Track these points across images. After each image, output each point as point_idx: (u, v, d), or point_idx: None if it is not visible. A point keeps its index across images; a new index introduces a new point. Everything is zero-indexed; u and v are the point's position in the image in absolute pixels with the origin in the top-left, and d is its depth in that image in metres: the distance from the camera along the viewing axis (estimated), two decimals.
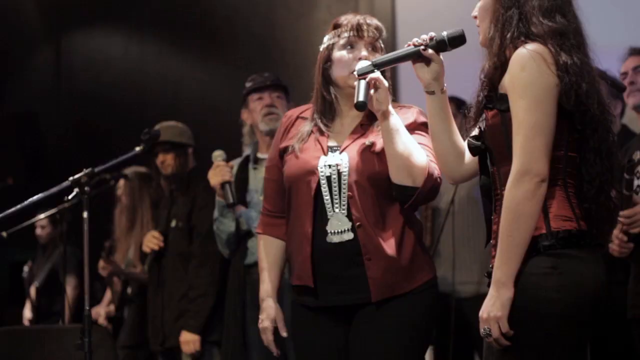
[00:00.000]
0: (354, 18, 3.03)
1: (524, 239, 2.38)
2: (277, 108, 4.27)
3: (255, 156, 4.29)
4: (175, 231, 4.77)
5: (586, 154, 2.46)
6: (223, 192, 3.99)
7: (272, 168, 3.14)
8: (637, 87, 3.99)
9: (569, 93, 2.40)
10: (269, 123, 4.23)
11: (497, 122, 2.50)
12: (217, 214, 4.11)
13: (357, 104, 2.78)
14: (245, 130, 4.42)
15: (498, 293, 2.38)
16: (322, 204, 2.94)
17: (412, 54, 2.76)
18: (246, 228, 4.11)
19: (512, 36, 2.47)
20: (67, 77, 7.69)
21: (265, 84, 4.33)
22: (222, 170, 3.99)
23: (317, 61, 3.07)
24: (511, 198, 2.39)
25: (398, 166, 2.85)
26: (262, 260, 3.14)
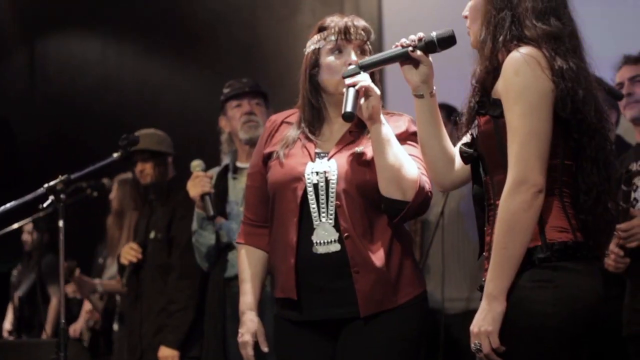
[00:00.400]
0: (340, 20, 2.92)
1: (519, 251, 2.31)
2: (257, 115, 4.18)
3: (234, 165, 4.19)
4: (154, 242, 4.65)
5: (583, 163, 2.39)
6: (203, 204, 3.89)
7: (255, 174, 3.03)
8: (634, 98, 3.90)
9: (565, 100, 2.33)
10: (249, 131, 4.13)
11: (489, 129, 2.42)
12: (196, 226, 4.01)
13: (344, 115, 2.68)
14: (224, 138, 4.33)
15: (490, 307, 2.32)
16: (308, 213, 2.83)
17: (400, 55, 2.67)
18: (226, 240, 4.01)
19: (505, 39, 2.40)
20: (41, 82, 7.59)
21: (244, 91, 4.24)
22: (202, 180, 3.90)
23: (302, 66, 2.97)
24: (506, 209, 2.32)
25: (388, 178, 2.75)
26: (243, 272, 3.03)
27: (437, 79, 2.68)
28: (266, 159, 2.97)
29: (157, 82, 7.07)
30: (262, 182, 2.98)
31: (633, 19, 5.00)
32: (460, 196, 4.38)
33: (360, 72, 2.73)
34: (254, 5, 6.75)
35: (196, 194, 3.88)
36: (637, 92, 3.90)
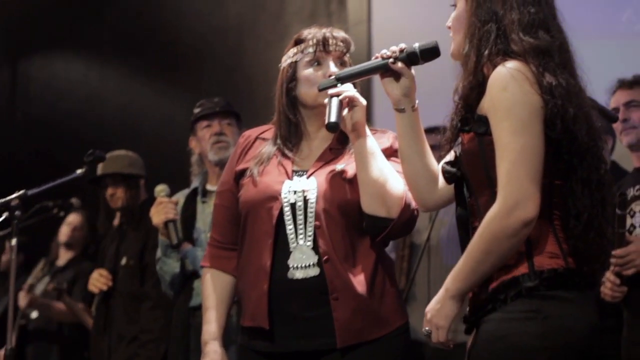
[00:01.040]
0: (318, 32, 2.79)
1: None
2: (227, 136, 4.06)
3: (204, 188, 4.06)
4: (125, 269, 4.52)
5: (573, 184, 2.25)
6: (167, 232, 3.75)
7: (224, 193, 2.86)
8: (631, 124, 3.82)
9: (554, 119, 2.20)
10: (219, 152, 4.01)
11: (474, 147, 2.29)
12: (160, 253, 3.87)
13: (328, 125, 2.54)
14: (194, 159, 4.20)
15: (445, 302, 2.25)
16: (284, 235, 2.67)
17: (380, 67, 2.54)
18: (192, 268, 3.87)
19: (490, 53, 2.27)
20: (23, 102, 7.52)
21: (215, 110, 4.11)
22: (166, 207, 3.77)
23: (278, 80, 2.84)
24: (489, 230, 2.18)
25: (371, 194, 2.61)
26: (207, 298, 2.85)
27: (420, 93, 2.56)
28: (238, 177, 2.81)
29: (140, 105, 7.00)
30: (232, 201, 2.82)
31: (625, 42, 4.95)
32: (449, 222, 4.26)
33: (337, 85, 2.60)
34: (241, 29, 6.68)
35: (160, 222, 3.75)
36: (634, 117, 3.81)
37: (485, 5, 2.29)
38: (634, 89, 3.85)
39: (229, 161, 2.90)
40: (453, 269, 2.26)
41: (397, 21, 5.67)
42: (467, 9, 2.33)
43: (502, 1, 2.29)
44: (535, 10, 2.28)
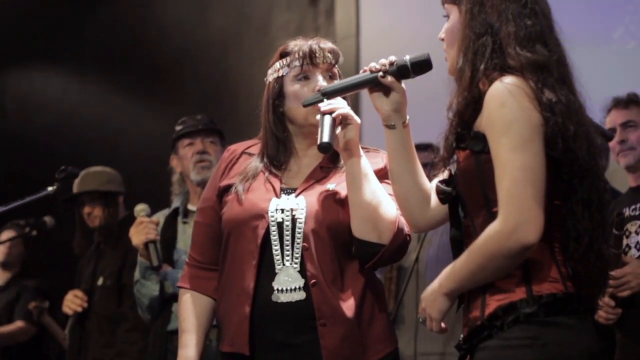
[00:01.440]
0: (304, 44, 2.64)
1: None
2: (210, 155, 3.96)
3: (185, 208, 3.94)
4: (102, 290, 4.39)
5: (573, 206, 2.15)
6: (147, 253, 3.61)
7: (206, 210, 2.70)
8: (628, 145, 3.76)
9: (555, 138, 2.11)
10: (201, 172, 3.91)
11: (470, 165, 2.18)
12: (139, 275, 3.72)
13: (321, 146, 2.39)
14: (175, 178, 4.12)
15: (437, 296, 2.19)
16: (270, 256, 2.52)
17: (368, 81, 2.42)
18: (172, 291, 3.72)
19: (486, 68, 2.17)
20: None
21: (197, 128, 4.00)
22: (146, 227, 3.62)
23: (264, 96, 2.70)
24: (485, 247, 2.10)
25: (362, 217, 2.47)
26: (185, 320, 2.68)
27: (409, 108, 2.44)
28: (222, 193, 2.65)
29: (119, 121, 6.90)
30: (213, 218, 2.66)
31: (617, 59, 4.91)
32: (437, 242, 4.18)
33: (323, 100, 2.46)
34: (225, 44, 6.59)
35: (139, 242, 3.61)
36: (631, 138, 3.75)
37: (479, 17, 2.19)
38: (630, 108, 3.79)
39: (212, 176, 2.75)
40: (449, 266, 2.19)
41: (386, 35, 5.58)
42: (460, 20, 2.23)
43: (497, 13, 2.19)
44: (532, 23, 2.18)
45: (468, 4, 2.20)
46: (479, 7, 2.19)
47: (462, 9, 2.22)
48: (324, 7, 6.06)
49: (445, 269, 2.19)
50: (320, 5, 6.09)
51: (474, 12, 2.19)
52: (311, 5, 6.13)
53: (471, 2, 2.20)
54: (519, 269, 2.10)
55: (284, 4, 6.30)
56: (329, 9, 6.03)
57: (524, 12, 2.18)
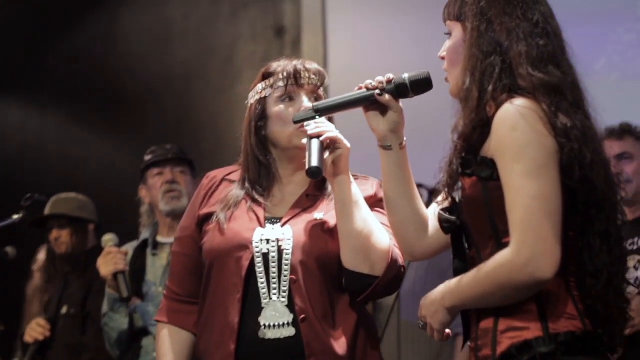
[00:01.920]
0: (289, 64, 2.54)
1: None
2: (180, 185, 3.87)
3: (154, 240, 3.83)
4: (66, 319, 4.22)
5: (591, 239, 2.02)
6: (116, 284, 3.50)
7: (184, 240, 2.57)
8: (625, 178, 3.66)
9: (572, 166, 1.97)
10: (170, 202, 3.83)
11: (477, 193, 2.04)
12: (107, 308, 3.61)
13: (309, 171, 2.26)
14: (144, 209, 4.02)
15: (439, 309, 2.08)
16: (255, 289, 2.39)
17: (364, 98, 2.30)
18: (141, 325, 3.62)
19: (495, 89, 2.04)
20: None
21: (167, 157, 3.93)
22: (115, 257, 3.52)
23: (245, 119, 2.58)
24: (495, 277, 1.96)
25: (354, 248, 2.35)
26: (163, 357, 2.55)
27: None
28: (201, 222, 2.52)
29: (80, 152, 6.71)
30: (193, 249, 2.53)
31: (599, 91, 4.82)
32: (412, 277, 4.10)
33: (315, 117, 2.34)
34: (188, 75, 6.45)
35: (108, 273, 3.50)
36: (627, 171, 3.68)
37: (487, 35, 2.07)
38: (625, 139, 3.71)
39: (190, 204, 2.62)
40: (455, 281, 2.07)
41: (354, 67, 5.47)
42: (466, 38, 2.10)
43: (506, 31, 2.06)
44: (544, 43, 2.05)
45: (475, 21, 2.09)
46: (486, 25, 2.07)
47: (467, 27, 2.10)
48: (290, 38, 5.99)
49: (450, 282, 2.07)
50: (286, 36, 6.02)
51: (481, 29, 2.07)
52: (277, 37, 6.06)
53: (478, 19, 2.08)
54: (533, 302, 1.97)
55: (249, 35, 6.21)
56: (295, 40, 5.95)
57: (536, 31, 2.06)
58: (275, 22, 6.06)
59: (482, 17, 2.08)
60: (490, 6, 2.08)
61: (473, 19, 2.09)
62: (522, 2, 2.09)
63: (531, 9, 2.08)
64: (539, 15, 2.08)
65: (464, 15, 2.12)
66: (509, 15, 2.07)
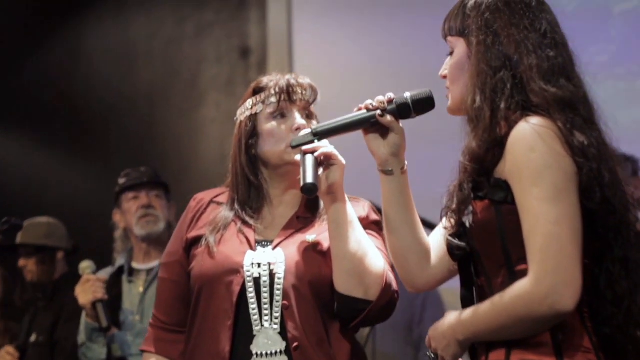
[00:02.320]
0: (281, 78, 2.45)
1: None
2: (156, 209, 3.80)
3: (130, 266, 3.75)
4: (34, 347, 4.10)
5: (609, 265, 1.91)
6: (95, 313, 3.39)
7: (172, 265, 2.47)
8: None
9: (592, 187, 1.87)
10: (146, 227, 3.75)
11: (490, 217, 1.93)
12: (85, 338, 3.50)
13: (304, 187, 2.18)
14: (118, 234, 3.93)
15: (451, 341, 1.95)
16: (247, 315, 2.29)
17: (365, 120, 2.21)
18: (120, 355, 3.52)
19: (507, 107, 1.93)
20: None
21: (142, 181, 3.85)
22: (94, 285, 3.41)
23: (234, 137, 2.49)
24: (512, 309, 1.85)
25: (348, 270, 2.25)
26: None
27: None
28: (189, 246, 2.43)
29: (43, 176, 6.56)
30: (180, 274, 2.43)
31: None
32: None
33: (314, 141, 2.25)
34: (152, 98, 6.37)
35: (87, 302, 3.39)
36: None
37: (495, 48, 1.96)
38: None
39: (177, 228, 2.52)
40: (468, 312, 1.94)
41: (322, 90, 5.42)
42: (472, 53, 1.99)
43: (515, 44, 1.95)
44: (554, 54, 1.95)
45: (480, 35, 1.98)
46: (492, 38, 1.96)
47: (471, 41, 2.00)
48: (255, 60, 5.93)
49: (462, 314, 1.95)
50: (251, 58, 5.96)
51: (487, 43, 1.96)
52: (242, 58, 6.00)
53: (484, 32, 1.98)
54: (548, 334, 1.86)
55: (213, 57, 6.15)
56: (261, 61, 5.89)
57: (545, 42, 1.95)
58: (240, 44, 6.01)
59: (488, 30, 1.98)
60: (495, 18, 1.98)
61: (478, 32, 1.99)
62: (529, 12, 1.98)
63: (538, 19, 1.98)
64: (546, 24, 1.98)
65: (467, 30, 2.02)
66: (515, 27, 1.97)
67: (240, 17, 6.02)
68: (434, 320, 2.05)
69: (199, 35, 6.16)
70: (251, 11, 5.98)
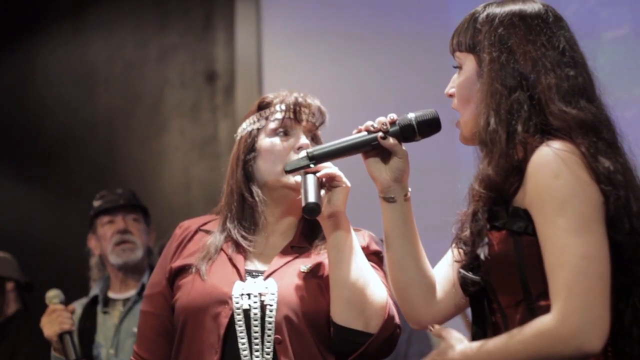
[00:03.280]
0: (289, 95, 2.30)
1: None
2: (134, 235, 3.57)
3: (105, 296, 3.51)
4: None
5: (636, 301, 1.77)
6: (62, 346, 3.12)
7: (155, 297, 2.29)
8: None
9: (620, 217, 1.74)
10: (121, 255, 3.52)
11: (508, 249, 1.80)
12: None
13: (307, 207, 2.03)
14: (93, 261, 3.69)
15: None
16: (235, 350, 2.11)
17: (366, 143, 2.07)
18: None
19: (524, 130, 1.80)
20: None
21: (118, 204, 3.60)
22: (60, 316, 3.14)
23: (233, 152, 2.33)
24: (535, 348, 1.70)
25: (348, 300, 2.09)
26: None
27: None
28: (173, 276, 2.25)
29: None
30: (163, 307, 2.26)
31: None
32: None
33: (310, 165, 2.09)
34: (112, 123, 6.14)
35: (53, 334, 3.12)
36: None
37: (509, 66, 1.84)
38: None
39: (161, 257, 2.34)
40: (475, 345, 1.79)
41: None
42: (484, 72, 1.87)
43: (531, 62, 1.83)
44: (574, 74, 1.83)
45: (494, 52, 1.85)
46: (507, 55, 1.84)
47: (483, 58, 1.87)
48: (222, 84, 5.72)
49: (470, 347, 1.80)
50: (218, 82, 5.75)
51: (502, 61, 1.84)
52: (208, 83, 5.79)
53: (497, 49, 1.85)
54: None
55: (177, 82, 5.93)
56: (228, 86, 5.69)
57: (564, 60, 1.84)
58: (206, 67, 5.80)
59: (502, 47, 1.85)
60: (510, 34, 1.86)
61: (491, 49, 1.86)
62: (546, 28, 1.87)
63: (556, 35, 1.86)
64: (565, 42, 1.86)
65: (478, 46, 1.89)
66: (532, 44, 1.84)
67: (206, 40, 5.83)
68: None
69: (162, 58, 5.97)
70: (218, 33, 5.78)
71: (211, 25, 5.83)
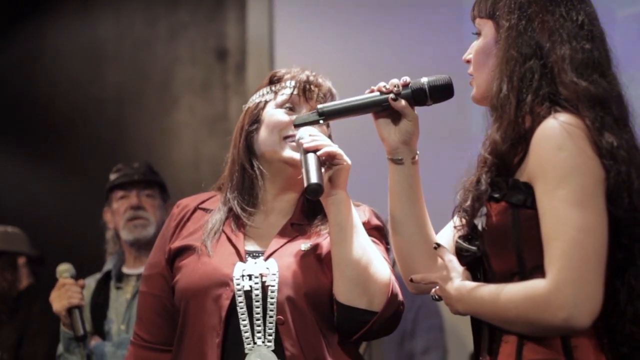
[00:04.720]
0: (301, 72, 2.29)
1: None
2: (147, 211, 3.49)
3: (119, 271, 3.45)
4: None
5: (632, 280, 1.79)
6: (70, 320, 3.09)
7: (153, 277, 2.28)
8: None
9: (620, 192, 1.75)
10: (133, 230, 3.45)
11: (506, 221, 1.81)
12: (62, 348, 3.19)
13: (310, 188, 2.02)
14: (109, 235, 3.62)
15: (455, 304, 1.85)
16: (237, 332, 2.10)
17: (376, 103, 2.09)
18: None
19: (533, 99, 1.82)
20: None
21: (132, 179, 3.52)
22: (70, 290, 3.10)
23: (238, 122, 2.32)
24: (524, 312, 1.73)
25: (351, 278, 2.08)
26: None
27: None
28: (172, 257, 2.23)
29: (4, 183, 6.27)
30: (163, 289, 2.25)
31: None
32: None
33: (319, 120, 2.10)
34: (121, 100, 6.08)
35: (62, 308, 3.09)
36: None
37: (526, 34, 1.86)
38: None
39: (159, 237, 2.32)
40: (477, 290, 1.82)
41: None
42: (501, 38, 1.88)
43: (548, 31, 1.85)
44: (590, 47, 1.84)
45: (513, 19, 1.87)
46: (525, 23, 1.86)
47: (502, 25, 1.89)
48: (233, 61, 5.67)
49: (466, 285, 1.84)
50: (229, 60, 5.70)
51: (519, 28, 1.85)
52: (219, 61, 5.73)
53: (516, 16, 1.86)
54: (561, 351, 1.75)
55: (187, 59, 5.88)
56: (239, 64, 5.64)
57: (581, 33, 1.85)
58: (217, 45, 5.74)
59: (521, 14, 1.87)
60: (530, 2, 1.88)
61: (510, 15, 1.88)
62: (567, 0, 1.87)
63: (576, 8, 1.88)
64: (584, 15, 1.88)
65: (498, 12, 1.92)
66: (551, 13, 1.86)
67: (217, 18, 5.77)
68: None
69: (172, 36, 5.92)
70: (229, 11, 5.72)
71: (222, 3, 5.78)
